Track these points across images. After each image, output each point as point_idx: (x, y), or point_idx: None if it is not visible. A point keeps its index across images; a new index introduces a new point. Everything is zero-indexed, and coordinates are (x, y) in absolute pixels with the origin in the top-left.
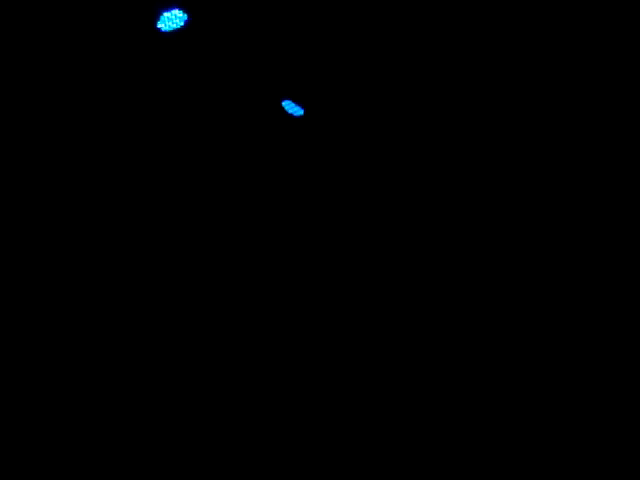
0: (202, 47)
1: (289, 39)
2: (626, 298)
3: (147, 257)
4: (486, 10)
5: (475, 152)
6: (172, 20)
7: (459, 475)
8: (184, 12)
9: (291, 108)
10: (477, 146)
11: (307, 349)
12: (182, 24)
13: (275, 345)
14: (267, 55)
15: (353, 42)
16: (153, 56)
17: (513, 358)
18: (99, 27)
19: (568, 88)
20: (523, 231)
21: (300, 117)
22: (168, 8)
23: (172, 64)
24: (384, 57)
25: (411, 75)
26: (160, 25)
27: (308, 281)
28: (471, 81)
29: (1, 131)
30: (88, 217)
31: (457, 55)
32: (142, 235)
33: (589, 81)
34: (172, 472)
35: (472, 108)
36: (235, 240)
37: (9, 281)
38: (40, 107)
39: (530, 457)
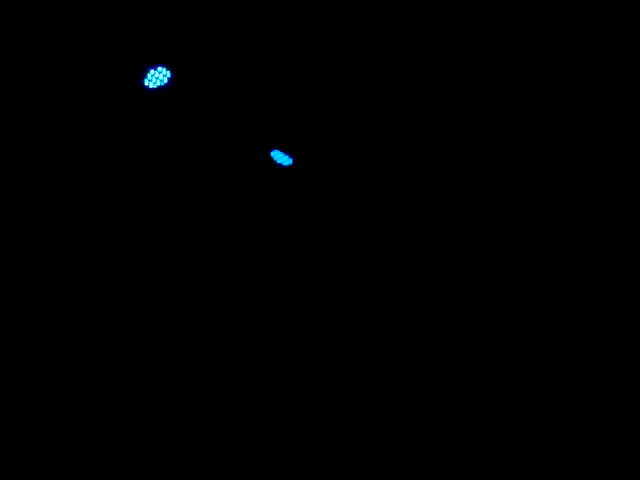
0: (187, 103)
1: (276, 90)
2: (626, 299)
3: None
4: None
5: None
6: (157, 77)
7: (459, 475)
8: (168, 69)
9: (280, 158)
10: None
11: (307, 350)
12: (166, 81)
13: (275, 346)
14: (254, 107)
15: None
16: (139, 114)
17: (513, 358)
18: (83, 84)
19: (568, 89)
20: (524, 232)
21: (290, 166)
22: (154, 65)
23: (158, 121)
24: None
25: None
26: (146, 82)
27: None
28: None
29: None
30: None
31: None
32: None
33: (589, 83)
34: (172, 472)
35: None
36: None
37: (9, 281)
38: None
39: (530, 457)
